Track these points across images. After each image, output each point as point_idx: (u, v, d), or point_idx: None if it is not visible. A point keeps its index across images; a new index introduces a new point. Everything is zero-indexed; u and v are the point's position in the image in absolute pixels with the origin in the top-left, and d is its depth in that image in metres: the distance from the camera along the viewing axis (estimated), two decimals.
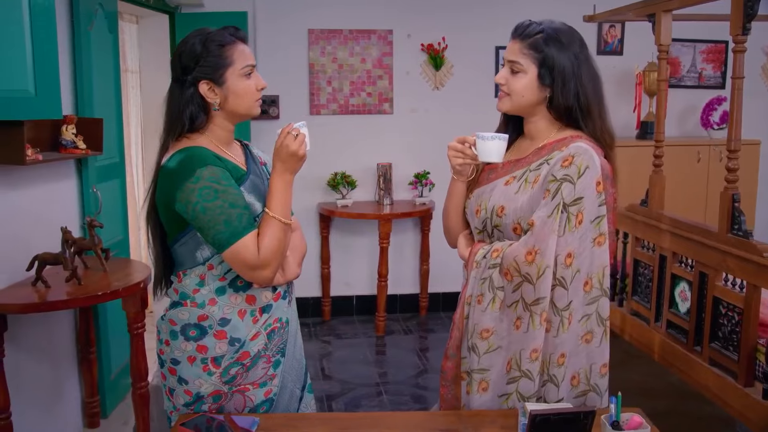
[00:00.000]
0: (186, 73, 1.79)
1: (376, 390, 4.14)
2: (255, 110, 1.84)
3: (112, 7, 3.70)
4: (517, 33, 1.86)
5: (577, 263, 1.75)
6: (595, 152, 1.78)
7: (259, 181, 1.85)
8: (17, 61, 2.58)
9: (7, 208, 2.88)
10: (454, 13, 5.24)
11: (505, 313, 1.80)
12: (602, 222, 1.77)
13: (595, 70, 1.87)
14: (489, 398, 1.82)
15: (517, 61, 1.83)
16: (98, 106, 3.53)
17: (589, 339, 1.80)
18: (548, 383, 1.80)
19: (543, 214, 1.74)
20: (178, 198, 1.68)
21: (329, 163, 5.24)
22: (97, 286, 2.89)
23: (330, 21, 5.18)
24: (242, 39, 1.83)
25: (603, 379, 1.86)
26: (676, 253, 3.02)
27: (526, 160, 1.88)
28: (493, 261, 1.81)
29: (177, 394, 1.81)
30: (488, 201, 1.88)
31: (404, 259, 5.50)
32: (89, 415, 3.51)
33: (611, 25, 5.36)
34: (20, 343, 2.99)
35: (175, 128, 1.80)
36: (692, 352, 2.90)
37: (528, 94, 1.84)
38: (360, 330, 5.22)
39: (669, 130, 5.51)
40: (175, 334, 1.80)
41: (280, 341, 1.88)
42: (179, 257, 1.81)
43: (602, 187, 1.76)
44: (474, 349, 1.83)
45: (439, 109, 5.34)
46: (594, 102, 1.85)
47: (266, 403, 1.85)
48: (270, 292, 1.84)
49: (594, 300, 1.79)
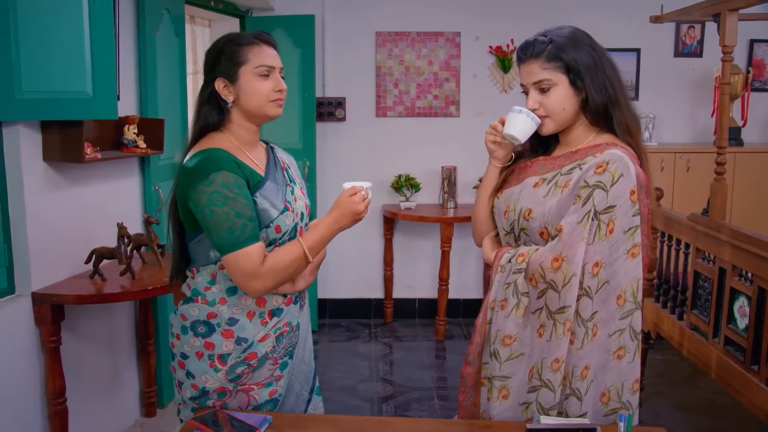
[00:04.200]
0: (207, 73, 1.85)
1: (428, 395, 4.12)
2: (270, 111, 1.86)
3: (178, 11, 3.84)
4: (528, 54, 1.80)
5: (605, 273, 1.69)
6: (630, 160, 1.72)
7: (276, 187, 1.85)
8: (76, 63, 2.72)
9: (70, 203, 3.03)
10: (523, 16, 5.14)
11: (528, 319, 1.76)
12: (636, 233, 1.70)
13: (611, 58, 1.82)
14: (509, 406, 1.78)
15: (543, 78, 1.78)
16: (162, 107, 3.67)
17: (622, 355, 1.74)
18: (571, 397, 1.74)
19: (572, 220, 1.69)
20: (192, 197, 1.73)
21: (394, 165, 5.25)
22: (151, 280, 3.01)
23: (397, 23, 5.19)
24: (267, 42, 1.86)
25: (634, 396, 1.78)
26: (735, 266, 2.86)
27: (557, 162, 1.83)
28: (518, 266, 1.77)
29: (185, 387, 1.85)
30: (517, 203, 1.84)
31: (467, 263, 5.45)
32: (146, 404, 3.64)
33: (690, 26, 5.14)
34: (81, 333, 3.14)
35: (197, 125, 1.85)
36: (749, 371, 2.74)
37: (568, 105, 1.79)
38: (420, 333, 5.20)
39: (753, 136, 5.27)
40: (186, 329, 1.84)
41: (289, 344, 1.90)
42: (193, 254, 1.85)
43: (636, 196, 1.70)
44: (496, 355, 1.79)
45: (507, 112, 5.23)
46: (620, 90, 1.80)
47: (270, 403, 1.87)
48: (281, 296, 1.87)
49: (628, 314, 1.72)
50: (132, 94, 3.47)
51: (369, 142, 5.26)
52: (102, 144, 3.17)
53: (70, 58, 2.70)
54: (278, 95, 1.85)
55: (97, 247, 2.99)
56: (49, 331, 2.81)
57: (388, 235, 5.32)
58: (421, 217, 4.96)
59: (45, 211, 2.86)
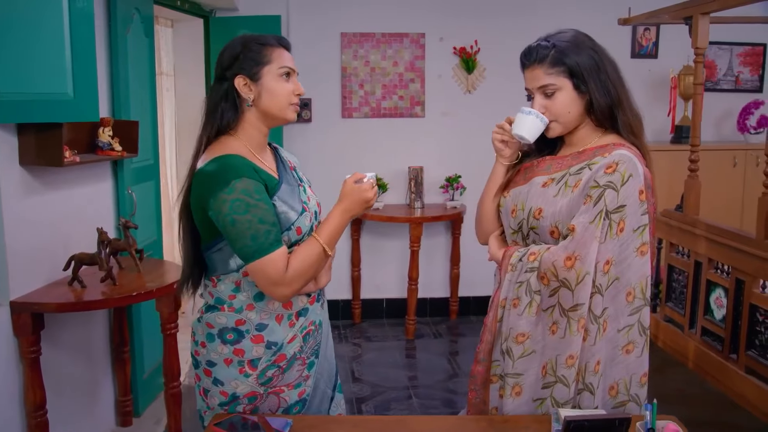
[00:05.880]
0: (225, 70, 1.82)
1: (405, 393, 4.14)
2: (289, 114, 1.85)
3: (148, 12, 3.76)
4: (531, 60, 1.84)
5: (615, 271, 1.74)
6: (638, 161, 1.77)
7: (290, 189, 1.85)
8: (56, 64, 2.63)
9: (45, 208, 2.93)
10: (487, 17, 5.22)
11: (540, 317, 1.79)
12: (645, 231, 1.75)
13: (612, 59, 1.87)
14: (523, 402, 1.81)
15: (548, 83, 1.81)
16: (134, 109, 3.58)
17: (630, 350, 1.79)
18: (584, 391, 1.78)
19: (585, 220, 1.73)
20: (212, 206, 1.70)
21: (360, 166, 5.22)
22: (132, 286, 2.93)
23: (362, 24, 5.19)
24: (285, 46, 1.86)
25: (643, 389, 1.83)
26: (712, 259, 2.97)
27: (565, 162, 1.86)
28: (530, 264, 1.79)
29: (212, 394, 1.82)
30: (525, 202, 1.87)
31: (435, 262, 5.49)
32: (122, 413, 3.55)
33: (646, 28, 5.29)
34: (57, 342, 3.05)
35: (210, 124, 1.82)
36: (728, 360, 2.85)
37: (572, 108, 1.83)
38: (390, 333, 5.22)
39: (705, 135, 5.43)
40: (212, 336, 1.81)
41: (315, 343, 1.90)
42: (212, 263, 1.82)
43: (644, 196, 1.75)
44: (509, 353, 1.81)
45: (471, 112, 5.32)
46: (622, 91, 1.85)
47: (299, 403, 1.86)
48: (305, 296, 1.86)
49: (637, 310, 1.77)
50: (104, 96, 3.38)
51: (335, 143, 5.26)
52: (77, 147, 3.08)
53: (49, 59, 2.61)
54: (297, 99, 1.84)
55: (77, 253, 2.90)
56: (29, 341, 2.71)
57: (356, 236, 5.32)
58: (390, 217, 4.97)
59: (22, 217, 2.76)
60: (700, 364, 2.99)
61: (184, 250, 1.87)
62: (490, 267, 1.98)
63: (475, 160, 5.22)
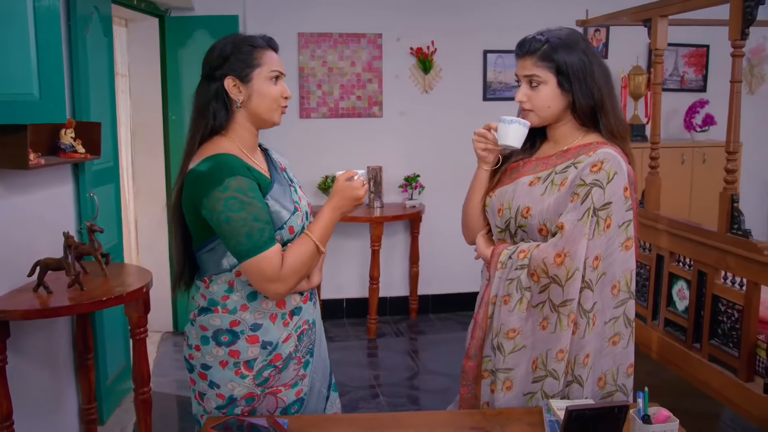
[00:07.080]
0: (214, 70, 1.80)
1: (371, 392, 4.16)
2: (276, 116, 1.86)
3: (106, 11, 3.68)
4: (524, 50, 1.89)
5: (603, 266, 1.80)
6: (621, 158, 1.83)
7: (282, 189, 1.85)
8: (21, 64, 2.55)
9: (7, 212, 2.84)
10: (443, 17, 5.28)
11: (531, 313, 1.83)
12: (630, 227, 1.82)
13: (603, 63, 1.92)
14: (513, 396, 1.85)
15: (534, 74, 1.87)
16: (94, 110, 3.50)
17: (617, 341, 1.85)
18: (573, 383, 1.83)
19: (573, 217, 1.78)
20: (205, 205, 1.69)
21: (319, 166, 5.25)
22: (99, 291, 2.86)
23: (320, 25, 5.19)
24: (274, 48, 1.85)
25: (629, 379, 1.90)
26: (673, 252, 3.08)
27: (550, 162, 1.91)
28: (520, 262, 1.83)
29: (208, 398, 1.81)
30: (512, 200, 1.91)
31: (394, 261, 5.52)
32: (86, 422, 3.46)
33: (596, 29, 5.44)
34: (22, 350, 2.96)
35: (201, 125, 1.80)
36: (691, 349, 2.96)
37: (553, 104, 1.88)
38: (351, 333, 5.23)
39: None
40: (206, 339, 1.80)
41: (309, 342, 1.90)
42: (204, 263, 1.81)
43: (629, 192, 1.81)
44: (500, 349, 1.85)
45: (428, 112, 5.37)
46: (607, 95, 1.89)
47: (297, 403, 1.86)
48: (298, 295, 1.86)
49: (622, 303, 1.83)
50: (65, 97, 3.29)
51: (294, 143, 5.22)
52: (39, 149, 2.99)
53: (14, 59, 2.53)
54: (285, 102, 1.84)
55: (42, 259, 2.82)
56: None
57: None
58: (352, 217, 4.95)
59: None
60: (664, 354, 3.09)
61: (176, 251, 1.85)
62: (448, 265, 2.03)
63: (433, 160, 5.29)
